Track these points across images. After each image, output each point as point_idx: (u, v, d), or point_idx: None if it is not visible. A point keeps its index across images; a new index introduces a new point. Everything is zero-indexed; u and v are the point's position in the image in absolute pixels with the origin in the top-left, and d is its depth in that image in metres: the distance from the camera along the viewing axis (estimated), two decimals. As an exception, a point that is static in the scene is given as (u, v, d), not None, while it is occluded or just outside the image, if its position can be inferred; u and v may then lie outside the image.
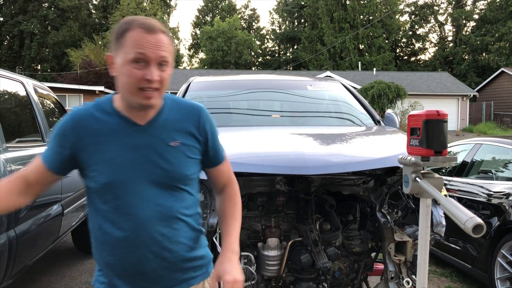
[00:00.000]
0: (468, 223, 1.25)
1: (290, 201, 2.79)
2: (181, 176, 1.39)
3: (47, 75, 39.58)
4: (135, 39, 1.29)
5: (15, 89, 3.54)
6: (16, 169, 2.91)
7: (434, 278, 4.60)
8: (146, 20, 1.33)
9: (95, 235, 1.44)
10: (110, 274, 1.43)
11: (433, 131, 1.53)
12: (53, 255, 5.12)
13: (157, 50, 1.30)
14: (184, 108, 1.46)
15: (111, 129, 1.37)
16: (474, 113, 29.54)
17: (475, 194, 4.37)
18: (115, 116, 1.39)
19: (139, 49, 1.28)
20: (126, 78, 1.31)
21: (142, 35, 1.29)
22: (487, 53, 39.94)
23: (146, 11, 41.00)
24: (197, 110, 1.46)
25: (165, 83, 1.35)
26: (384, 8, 41.07)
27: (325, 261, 2.56)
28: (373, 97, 20.72)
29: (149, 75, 1.29)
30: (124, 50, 1.30)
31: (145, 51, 1.28)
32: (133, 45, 1.29)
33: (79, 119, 1.38)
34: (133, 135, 1.37)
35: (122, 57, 1.31)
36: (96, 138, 1.37)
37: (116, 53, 1.33)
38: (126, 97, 1.36)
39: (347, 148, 2.88)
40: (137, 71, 1.29)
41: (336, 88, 4.20)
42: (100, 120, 1.38)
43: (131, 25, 1.31)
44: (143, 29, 1.30)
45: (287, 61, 46.73)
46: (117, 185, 1.35)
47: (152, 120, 1.40)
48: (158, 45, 1.30)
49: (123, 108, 1.39)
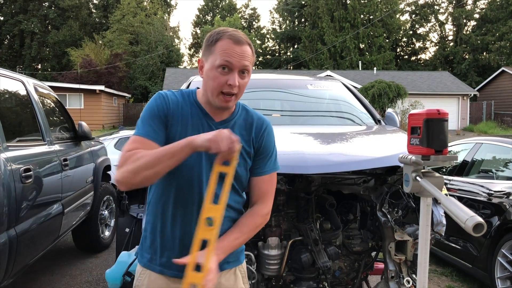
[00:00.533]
0: (468, 222, 1.24)
1: (291, 200, 2.79)
2: (237, 173, 1.54)
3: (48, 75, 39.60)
4: (224, 48, 1.49)
5: (16, 88, 3.54)
6: (16, 168, 2.91)
7: (435, 277, 4.60)
8: (235, 33, 1.52)
9: (154, 211, 1.61)
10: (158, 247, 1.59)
11: (434, 130, 1.53)
12: (54, 254, 5.13)
13: (241, 60, 1.49)
14: (252, 117, 1.65)
15: (191, 115, 1.57)
16: (474, 112, 29.52)
17: (475, 194, 4.37)
18: (196, 107, 1.59)
19: (227, 57, 1.48)
20: (211, 81, 1.51)
21: (230, 45, 1.49)
22: (488, 53, 39.90)
23: (146, 11, 41.01)
24: (264, 122, 1.66)
25: (242, 90, 1.54)
26: (384, 8, 41.04)
27: (326, 260, 2.56)
28: (373, 97, 20.71)
29: (232, 80, 1.49)
30: (213, 57, 1.50)
31: (231, 60, 1.48)
32: (221, 53, 1.48)
33: (168, 98, 1.56)
34: (208, 128, 1.55)
35: (210, 62, 1.51)
36: (179, 118, 1.55)
37: (206, 58, 1.54)
38: (208, 97, 1.55)
39: (347, 147, 2.88)
40: (222, 76, 1.49)
41: (337, 88, 4.20)
42: (183, 106, 1.57)
43: (222, 36, 1.51)
44: (232, 40, 1.50)
45: (288, 61, 46.73)
46: (185, 166, 1.49)
47: (225, 120, 1.60)
48: (242, 55, 1.50)
49: (203, 102, 1.59)
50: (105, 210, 5.40)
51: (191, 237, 1.47)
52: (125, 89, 34.43)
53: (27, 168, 3.05)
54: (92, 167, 4.88)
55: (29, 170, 3.08)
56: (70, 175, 4.03)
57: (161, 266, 1.59)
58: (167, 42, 39.24)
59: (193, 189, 1.55)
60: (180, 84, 22.73)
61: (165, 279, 1.59)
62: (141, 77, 36.62)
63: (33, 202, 3.17)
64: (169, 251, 1.58)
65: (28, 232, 3.05)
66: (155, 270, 1.60)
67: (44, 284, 4.27)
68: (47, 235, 3.56)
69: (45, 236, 3.52)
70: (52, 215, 3.54)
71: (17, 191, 2.87)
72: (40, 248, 3.42)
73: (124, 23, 39.50)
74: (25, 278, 4.33)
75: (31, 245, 3.18)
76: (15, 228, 2.86)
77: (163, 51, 38.03)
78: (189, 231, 1.53)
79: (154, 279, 1.60)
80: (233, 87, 1.49)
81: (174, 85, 26.65)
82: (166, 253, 1.59)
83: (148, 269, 1.61)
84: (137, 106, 31.65)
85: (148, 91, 35.88)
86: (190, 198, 1.55)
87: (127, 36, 39.29)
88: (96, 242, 5.14)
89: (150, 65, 37.14)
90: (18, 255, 2.91)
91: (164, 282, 1.59)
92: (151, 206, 1.64)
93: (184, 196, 1.55)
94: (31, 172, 3.10)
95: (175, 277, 1.56)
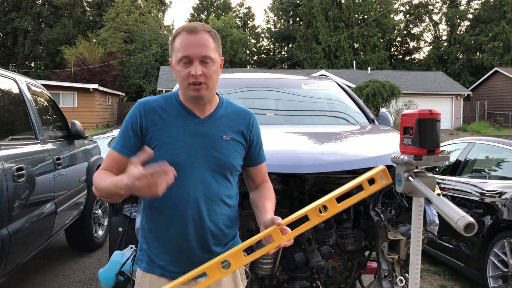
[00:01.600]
0: (460, 222, 1.25)
1: (284, 199, 2.80)
2: (229, 165, 1.61)
3: (41, 73, 39.36)
4: (181, 42, 1.52)
5: (8, 86, 3.52)
6: (9, 167, 2.90)
7: (427, 276, 4.62)
8: (191, 24, 1.54)
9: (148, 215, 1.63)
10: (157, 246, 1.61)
11: (426, 130, 1.54)
12: (47, 254, 5.10)
13: (198, 50, 1.50)
14: (237, 110, 1.69)
15: (175, 116, 1.59)
16: (468, 112, 29.69)
17: (468, 193, 4.39)
18: (179, 107, 1.61)
19: (183, 51, 1.50)
20: (178, 76, 1.55)
21: (186, 37, 1.51)
22: (481, 53, 40.14)
23: (140, 9, 40.86)
24: (249, 115, 1.71)
25: (210, 78, 1.54)
26: (379, 7, 41.15)
27: (319, 260, 2.56)
28: (367, 96, 20.76)
29: (193, 71, 1.50)
30: (175, 53, 1.54)
31: (187, 52, 1.50)
32: (179, 48, 1.51)
33: (144, 107, 1.59)
34: (193, 125, 1.58)
35: (174, 59, 1.55)
36: (160, 123, 1.57)
37: (172, 57, 1.58)
38: (183, 92, 1.59)
39: (341, 146, 2.89)
40: (184, 69, 1.52)
41: (331, 87, 4.21)
42: (166, 109, 1.59)
43: (179, 31, 1.54)
44: (186, 32, 1.52)
45: (282, 60, 46.72)
46: (174, 165, 1.47)
47: (210, 115, 1.62)
48: (199, 45, 1.50)
49: (184, 101, 1.62)
50: (98, 209, 5.38)
51: (188, 238, 1.53)
52: (119, 88, 34.30)
53: (19, 167, 3.03)
54: (85, 166, 4.86)
55: (22, 169, 3.06)
56: (63, 174, 4.01)
57: (161, 268, 1.61)
58: (161, 41, 39.10)
59: (186, 189, 1.55)
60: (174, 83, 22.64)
61: (166, 281, 1.60)
62: (135, 75, 36.50)
63: (25, 201, 3.16)
64: (166, 254, 1.59)
65: (20, 232, 3.04)
66: (156, 273, 1.62)
67: (36, 283, 4.24)
68: (39, 234, 3.54)
69: (38, 236, 3.51)
70: (45, 214, 3.52)
71: (9, 190, 2.85)
72: (32, 247, 3.40)
73: (118, 22, 39.33)
74: (17, 278, 4.31)
75: (23, 245, 3.16)
76: (7, 228, 2.84)
77: (157, 50, 37.91)
78: (185, 232, 1.56)
79: (155, 281, 1.61)
80: (196, 76, 1.50)
81: (168, 84, 26.57)
82: (163, 256, 1.60)
83: (148, 273, 1.63)
84: (131, 105, 31.48)
85: (142, 90, 35.75)
86: (184, 199, 1.56)
87: (121, 35, 39.13)
88: (89, 242, 5.12)
89: (144, 64, 37.01)
90: (10, 255, 2.89)
91: (167, 283, 1.59)
92: (146, 210, 1.65)
93: (178, 197, 1.56)
94: (24, 171, 3.08)
95: (174, 280, 1.56)
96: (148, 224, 1.63)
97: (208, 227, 1.58)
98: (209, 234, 1.58)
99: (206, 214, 1.57)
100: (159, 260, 1.60)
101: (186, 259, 1.58)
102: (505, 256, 3.73)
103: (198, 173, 1.56)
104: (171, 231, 1.57)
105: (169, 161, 1.48)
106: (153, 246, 1.62)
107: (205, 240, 1.58)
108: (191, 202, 1.55)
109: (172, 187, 1.53)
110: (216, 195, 1.58)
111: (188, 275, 1.43)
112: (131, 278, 2.40)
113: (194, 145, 1.57)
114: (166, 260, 1.60)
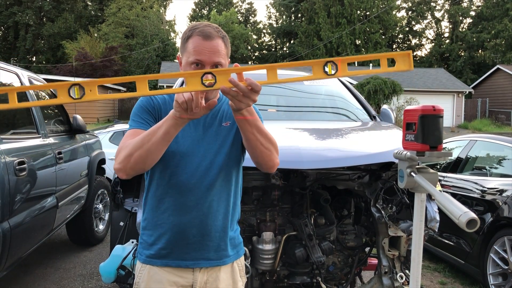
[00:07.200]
0: (462, 218, 1.25)
1: (285, 195, 2.80)
2: (230, 152, 1.63)
3: (42, 67, 39.29)
4: (195, 45, 1.53)
5: (10, 80, 3.52)
6: (10, 160, 2.90)
7: (428, 273, 4.63)
8: (205, 28, 1.55)
9: (150, 206, 1.65)
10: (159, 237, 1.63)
11: (429, 126, 1.54)
12: (48, 248, 5.12)
13: (212, 56, 1.52)
14: None
15: None
16: (469, 109, 29.62)
17: (469, 190, 4.39)
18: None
19: (197, 55, 1.52)
20: None
21: (200, 42, 1.52)
22: (483, 50, 39.99)
23: (142, 4, 40.76)
24: None
25: None
26: (381, 4, 41.01)
27: (320, 255, 2.57)
28: (369, 93, 20.72)
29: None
30: (187, 54, 1.55)
31: (201, 57, 1.51)
32: (192, 51, 1.53)
33: (154, 97, 1.65)
34: (196, 120, 1.57)
35: (185, 59, 1.56)
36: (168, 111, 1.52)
37: (182, 55, 1.59)
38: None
39: (342, 143, 2.89)
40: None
41: (333, 83, 4.20)
42: (170, 103, 1.60)
43: (193, 33, 1.55)
44: (201, 36, 1.53)
45: (284, 56, 46.62)
46: (178, 153, 1.58)
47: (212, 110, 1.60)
48: (213, 51, 1.52)
49: None
50: (100, 203, 5.38)
51: (189, 225, 1.57)
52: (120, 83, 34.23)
53: (21, 161, 3.04)
54: (86, 160, 4.86)
55: (23, 163, 3.06)
56: (64, 168, 4.02)
57: (160, 257, 1.63)
58: (163, 36, 39.04)
59: (188, 177, 1.58)
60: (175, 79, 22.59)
61: (166, 272, 1.62)
62: (136, 70, 36.44)
63: (27, 195, 3.16)
64: (166, 241, 1.61)
65: (21, 225, 3.04)
66: (156, 264, 1.63)
67: (37, 277, 4.26)
68: (41, 228, 3.55)
69: (39, 229, 3.51)
70: (46, 208, 3.53)
71: (11, 184, 2.86)
72: (33, 241, 3.40)
73: (119, 16, 39.25)
74: (18, 272, 4.32)
75: (24, 238, 3.17)
76: (9, 221, 2.85)
77: (158, 45, 37.85)
78: (186, 219, 1.59)
79: (154, 274, 1.63)
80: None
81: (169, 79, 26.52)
82: (163, 243, 1.62)
83: (147, 264, 1.65)
84: (132, 100, 31.40)
85: (143, 85, 35.67)
86: (186, 186, 1.58)
87: (122, 29, 39.07)
88: (90, 236, 5.13)
89: (146, 59, 36.96)
90: (12, 248, 2.90)
91: (165, 274, 1.62)
92: (148, 200, 1.66)
93: (180, 184, 1.58)
94: (25, 165, 3.08)
95: (178, 267, 1.62)
96: (149, 214, 1.66)
97: (209, 214, 1.60)
98: (210, 221, 1.61)
99: (207, 201, 1.59)
100: (159, 249, 1.62)
101: (186, 245, 1.61)
102: (505, 253, 3.73)
103: (200, 161, 1.59)
104: (172, 218, 1.60)
105: (173, 149, 1.56)
106: (154, 235, 1.64)
107: (206, 227, 1.61)
108: (193, 190, 1.58)
109: (175, 175, 1.59)
110: (217, 182, 1.61)
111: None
112: (132, 272, 2.41)
113: (197, 134, 1.61)
114: (166, 247, 1.62)
